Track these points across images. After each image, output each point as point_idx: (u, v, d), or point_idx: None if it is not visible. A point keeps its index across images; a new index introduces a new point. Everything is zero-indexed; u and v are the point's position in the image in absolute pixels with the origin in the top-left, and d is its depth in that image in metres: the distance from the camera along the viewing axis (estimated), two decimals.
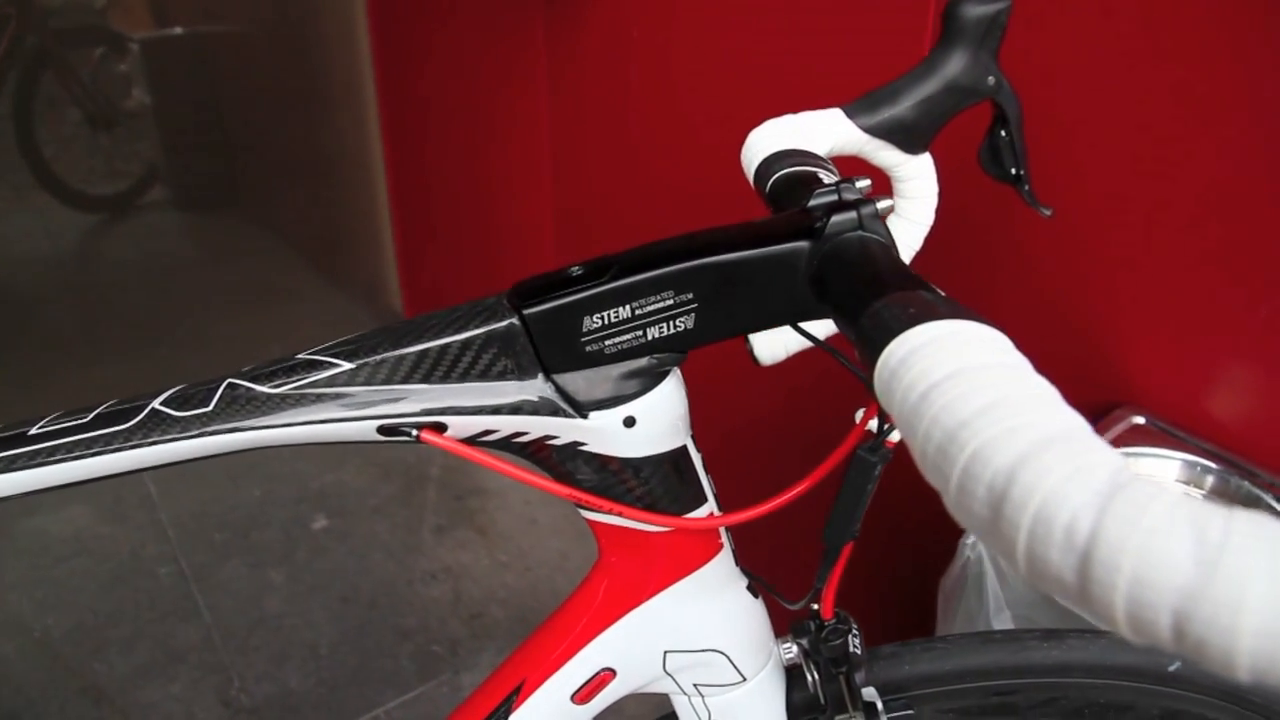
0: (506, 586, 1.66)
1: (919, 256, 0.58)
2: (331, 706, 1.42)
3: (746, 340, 0.60)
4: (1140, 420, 0.82)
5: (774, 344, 0.61)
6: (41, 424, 0.41)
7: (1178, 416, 0.81)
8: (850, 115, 0.55)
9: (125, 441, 0.40)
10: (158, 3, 3.21)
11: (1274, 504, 0.73)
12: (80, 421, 0.41)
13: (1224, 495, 0.77)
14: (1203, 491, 0.78)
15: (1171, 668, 0.53)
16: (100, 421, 0.40)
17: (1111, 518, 0.21)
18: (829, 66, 1.03)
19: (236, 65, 2.84)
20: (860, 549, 0.47)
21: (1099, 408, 0.85)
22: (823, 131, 0.55)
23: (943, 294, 0.32)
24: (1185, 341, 0.81)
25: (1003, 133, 0.56)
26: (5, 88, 2.87)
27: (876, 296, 0.32)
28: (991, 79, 0.54)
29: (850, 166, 0.52)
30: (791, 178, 0.49)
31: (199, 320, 2.57)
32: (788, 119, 0.57)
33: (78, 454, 0.40)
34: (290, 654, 1.51)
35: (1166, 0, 0.74)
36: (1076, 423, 0.24)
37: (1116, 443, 0.80)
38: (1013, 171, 0.56)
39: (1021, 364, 0.27)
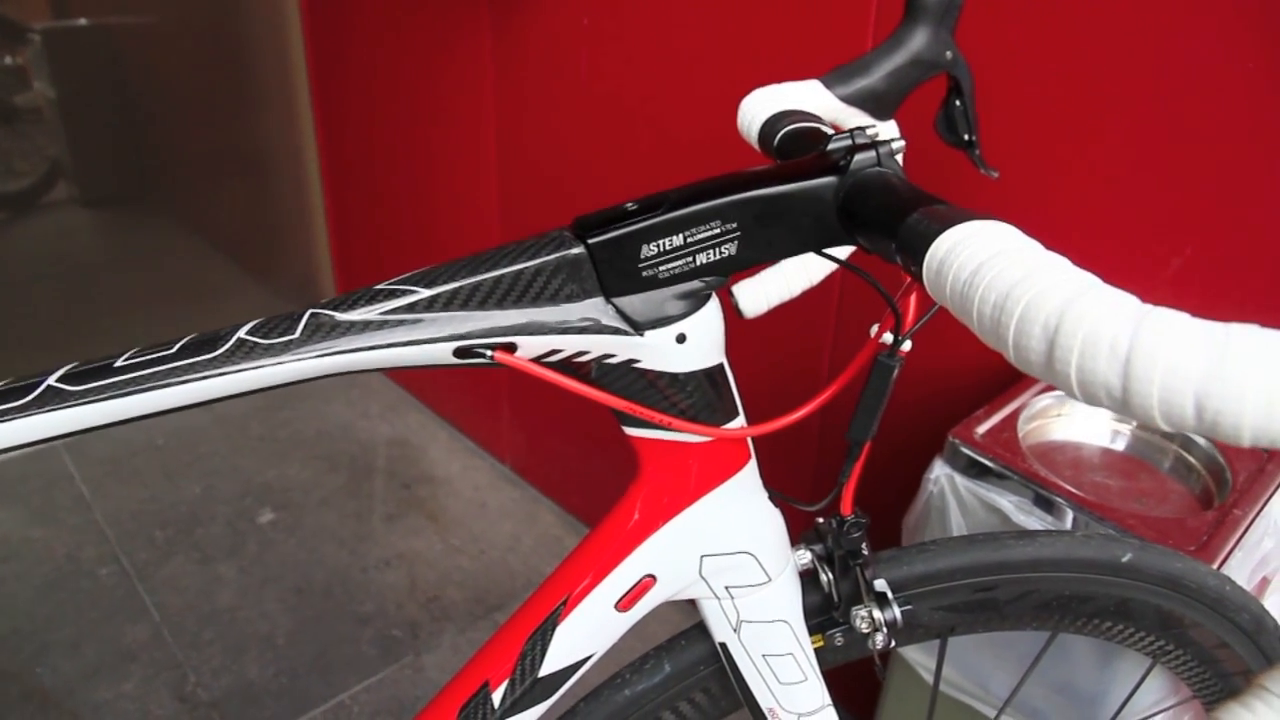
0: (461, 570, 1.68)
1: None
2: (294, 695, 1.42)
3: (731, 294, 0.66)
4: None
5: (757, 297, 0.67)
6: (126, 356, 0.43)
7: None
8: (828, 85, 0.62)
9: (215, 369, 0.42)
10: None
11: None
12: (166, 353, 0.43)
13: (1146, 427, 0.87)
14: (1131, 425, 0.88)
15: (1124, 559, 0.61)
16: (186, 351, 0.43)
17: (1145, 332, 0.28)
18: (780, 50, 1.10)
19: (153, 58, 2.76)
20: (828, 491, 0.54)
21: None
22: (805, 99, 0.62)
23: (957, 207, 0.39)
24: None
25: (957, 102, 0.63)
26: None
27: (908, 212, 0.38)
28: (949, 53, 0.61)
29: None
30: (797, 132, 0.55)
31: (119, 321, 2.48)
32: (773, 88, 0.63)
33: (167, 382, 0.42)
34: (247, 646, 1.50)
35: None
36: (1094, 278, 0.31)
37: (1045, 389, 0.89)
38: (965, 138, 0.64)
39: (1038, 245, 0.34)
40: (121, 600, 1.58)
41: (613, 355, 0.46)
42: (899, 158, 0.45)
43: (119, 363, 0.43)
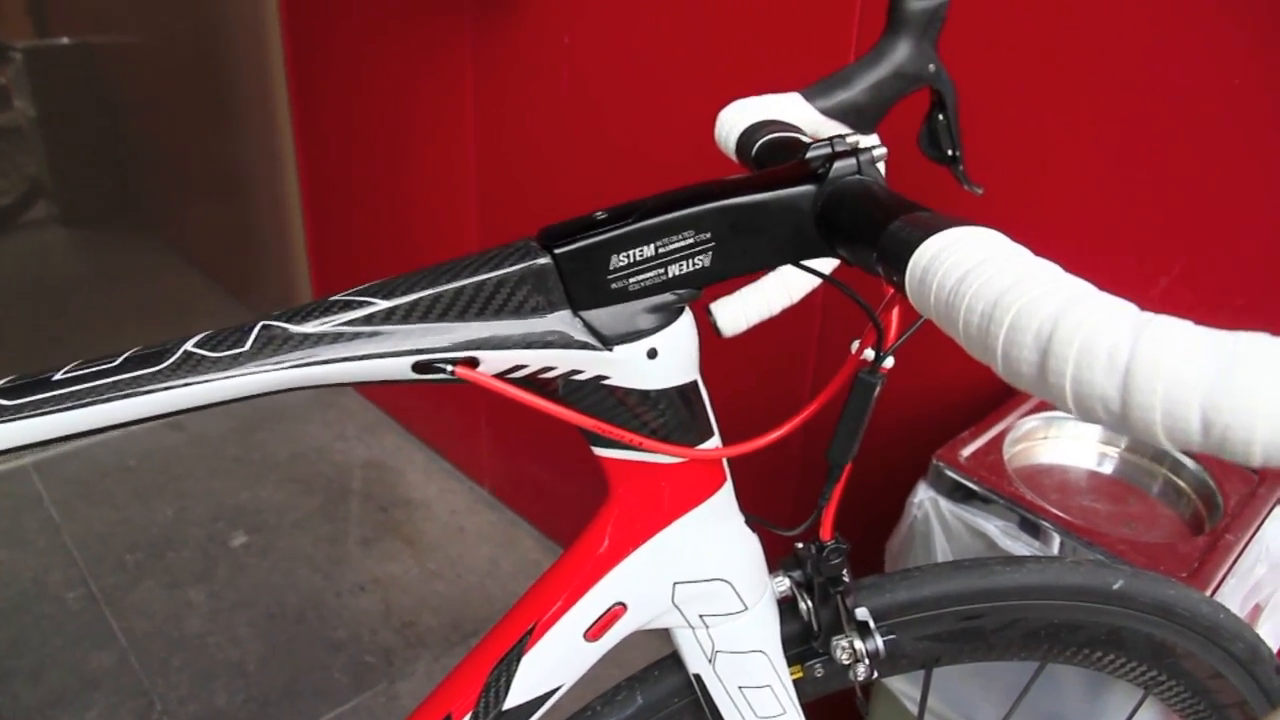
0: (438, 595, 1.64)
1: None
2: None
3: (709, 313, 0.64)
4: None
5: (735, 315, 0.65)
6: (66, 369, 0.41)
7: None
8: (808, 98, 0.60)
9: (160, 383, 0.39)
10: (39, 11, 3.06)
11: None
12: (108, 365, 0.40)
13: (1135, 450, 0.86)
14: (1119, 448, 0.86)
15: (1115, 586, 0.59)
16: (130, 365, 0.40)
17: (1146, 341, 0.25)
18: (761, 64, 1.09)
19: (134, 76, 2.74)
20: (807, 515, 0.52)
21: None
22: (785, 111, 0.60)
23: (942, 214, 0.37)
24: None
25: (940, 117, 0.61)
26: None
27: (890, 220, 0.36)
28: (932, 66, 0.60)
29: None
30: (775, 142, 0.53)
31: (97, 340, 2.44)
32: (753, 100, 0.61)
33: (109, 396, 0.39)
34: (215, 673, 1.45)
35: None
36: (1090, 285, 0.29)
37: (1032, 410, 0.88)
38: (948, 153, 0.62)
39: (1026, 251, 0.32)
40: (88, 625, 1.53)
41: (580, 371, 0.44)
42: (881, 166, 0.44)
43: (58, 376, 0.40)
